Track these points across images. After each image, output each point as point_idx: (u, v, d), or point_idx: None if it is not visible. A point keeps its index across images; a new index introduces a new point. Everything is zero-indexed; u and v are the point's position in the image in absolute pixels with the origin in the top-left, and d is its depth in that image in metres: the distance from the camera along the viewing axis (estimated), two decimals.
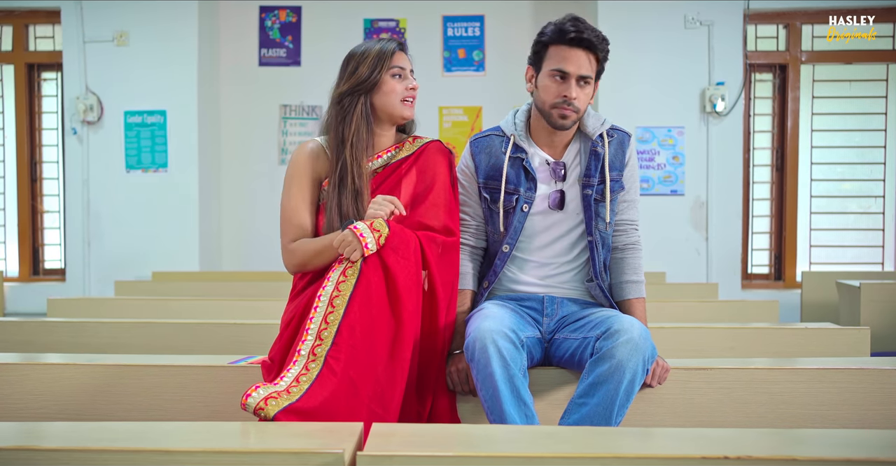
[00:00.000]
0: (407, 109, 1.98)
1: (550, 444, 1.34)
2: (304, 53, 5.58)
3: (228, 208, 5.62)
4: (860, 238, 5.38)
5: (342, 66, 1.98)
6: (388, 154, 2.00)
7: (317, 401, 1.61)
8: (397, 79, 1.96)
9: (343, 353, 1.67)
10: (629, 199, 2.08)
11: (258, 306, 3.27)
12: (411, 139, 2.05)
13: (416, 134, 2.09)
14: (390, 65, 1.94)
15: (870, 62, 5.27)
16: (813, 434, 1.51)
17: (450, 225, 1.95)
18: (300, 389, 1.62)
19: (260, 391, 1.60)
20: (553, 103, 1.95)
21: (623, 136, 2.07)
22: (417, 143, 2.03)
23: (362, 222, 1.77)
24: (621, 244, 2.08)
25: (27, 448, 1.29)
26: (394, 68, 1.95)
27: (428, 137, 2.05)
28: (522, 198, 2.01)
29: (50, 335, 2.70)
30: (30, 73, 5.50)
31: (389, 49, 1.95)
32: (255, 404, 1.57)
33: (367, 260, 1.75)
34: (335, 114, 1.96)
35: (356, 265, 1.75)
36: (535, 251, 2.04)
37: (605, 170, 2.00)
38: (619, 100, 5.07)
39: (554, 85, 1.95)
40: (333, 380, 1.64)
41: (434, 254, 1.87)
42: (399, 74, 1.96)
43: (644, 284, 2.06)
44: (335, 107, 1.96)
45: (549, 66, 1.96)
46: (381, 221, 1.79)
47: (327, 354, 1.67)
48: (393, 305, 1.76)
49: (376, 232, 1.76)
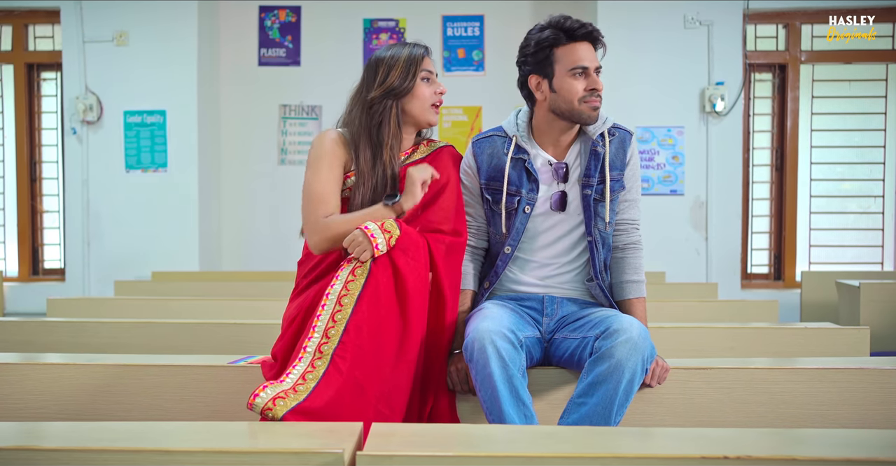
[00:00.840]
0: (433, 115, 2.01)
1: (550, 444, 1.34)
2: (303, 53, 5.59)
3: (228, 208, 5.62)
4: (860, 238, 5.38)
5: (369, 70, 1.99)
6: (406, 155, 2.03)
7: (323, 401, 1.62)
8: (426, 83, 1.98)
9: (349, 353, 1.67)
10: (630, 199, 2.07)
11: (258, 306, 3.26)
12: (426, 142, 2.08)
13: (429, 137, 2.13)
14: (420, 69, 1.96)
15: (869, 62, 5.27)
16: (813, 433, 1.51)
17: (458, 227, 1.98)
18: (307, 388, 1.63)
19: (268, 391, 1.60)
20: (581, 97, 1.96)
21: (624, 135, 2.07)
22: (432, 147, 2.07)
23: (373, 222, 1.78)
24: (622, 243, 2.07)
25: (27, 448, 1.29)
26: (423, 72, 1.97)
27: (441, 142, 2.09)
28: (524, 199, 2.01)
29: (50, 335, 2.70)
30: (29, 73, 5.50)
31: (419, 54, 1.97)
32: (262, 404, 1.58)
33: (377, 260, 1.76)
34: (365, 118, 1.96)
35: (366, 265, 1.76)
36: (537, 252, 2.04)
37: (605, 170, 2.00)
38: (618, 99, 5.06)
39: (578, 82, 1.96)
40: (339, 379, 1.65)
41: (441, 256, 1.89)
42: (428, 78, 1.99)
43: (644, 284, 2.06)
44: (366, 111, 1.96)
45: (566, 67, 1.96)
46: (392, 222, 1.80)
47: (334, 352, 1.67)
48: (401, 306, 1.77)
49: (387, 232, 1.77)
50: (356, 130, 1.97)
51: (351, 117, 1.99)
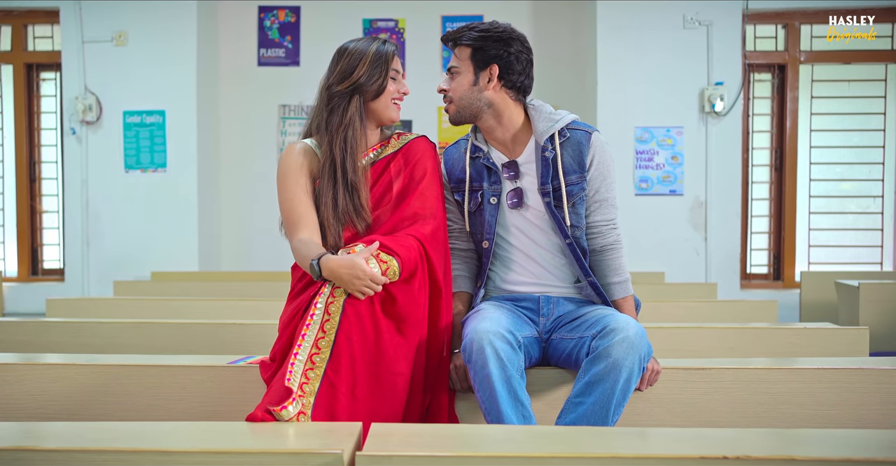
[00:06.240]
0: (395, 112, 2.01)
1: (548, 444, 1.34)
2: (303, 53, 5.59)
3: (227, 208, 5.62)
4: (859, 238, 5.38)
5: (334, 61, 1.97)
6: (375, 151, 2.02)
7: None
8: (393, 82, 1.98)
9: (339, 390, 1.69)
10: (600, 199, 2.03)
11: (258, 306, 3.26)
12: (395, 136, 2.07)
13: (399, 131, 2.12)
14: (390, 68, 1.96)
15: (869, 62, 5.27)
16: (812, 434, 1.51)
17: (438, 207, 1.96)
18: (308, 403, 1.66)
19: (290, 409, 1.60)
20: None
21: (580, 136, 2.01)
22: (403, 140, 2.05)
23: (371, 256, 1.73)
24: (598, 246, 2.03)
25: (26, 448, 1.29)
26: (391, 71, 1.97)
27: (413, 134, 2.08)
28: (487, 191, 2.03)
29: (49, 335, 2.70)
30: (29, 73, 5.50)
31: (390, 53, 1.96)
32: (287, 417, 1.59)
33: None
34: (327, 111, 1.95)
35: (338, 300, 1.73)
36: (516, 248, 2.05)
37: (559, 175, 1.99)
38: (617, 100, 5.08)
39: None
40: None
41: (432, 253, 1.87)
42: (394, 78, 1.99)
43: (629, 281, 2.04)
44: (327, 104, 1.96)
45: None
46: (388, 256, 1.75)
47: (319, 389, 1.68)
48: (396, 323, 1.78)
49: (383, 263, 1.75)
50: (319, 122, 1.96)
51: (316, 115, 1.99)
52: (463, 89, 2.02)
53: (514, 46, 2.00)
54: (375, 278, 1.71)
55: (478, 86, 2.01)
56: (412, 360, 1.80)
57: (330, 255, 1.74)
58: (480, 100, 2.01)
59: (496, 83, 2.01)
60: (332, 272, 1.71)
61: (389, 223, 1.92)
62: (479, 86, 2.01)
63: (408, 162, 2.00)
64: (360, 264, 1.69)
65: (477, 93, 2.01)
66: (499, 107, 2.02)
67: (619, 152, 4.90)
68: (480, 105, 2.01)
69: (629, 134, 5.08)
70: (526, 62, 2.03)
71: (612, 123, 5.03)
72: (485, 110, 2.02)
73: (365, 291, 1.72)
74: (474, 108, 2.02)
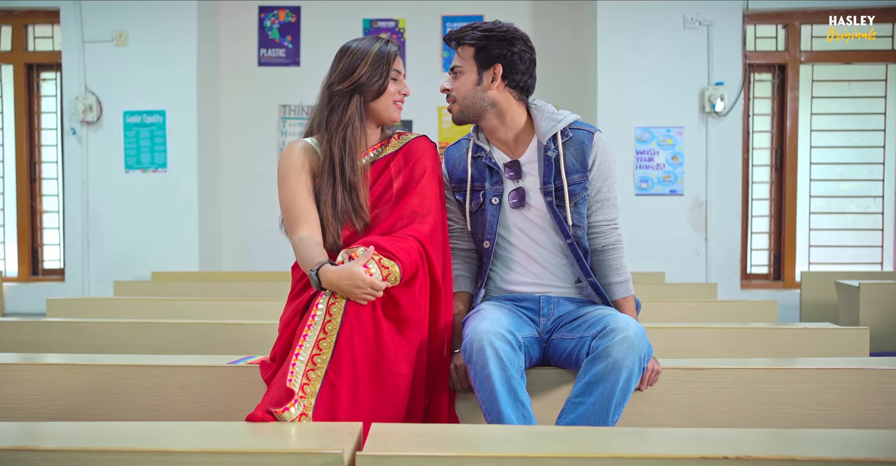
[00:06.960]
0: (396, 113, 2.00)
1: (548, 444, 1.34)
2: (303, 53, 5.59)
3: (228, 208, 5.62)
4: (859, 238, 5.38)
5: (336, 60, 1.97)
6: (375, 151, 2.02)
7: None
8: (394, 82, 1.98)
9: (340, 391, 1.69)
10: (602, 199, 2.03)
11: (258, 306, 3.26)
12: (396, 136, 2.07)
13: (399, 131, 2.12)
14: (392, 68, 1.96)
15: (869, 62, 5.27)
16: (812, 434, 1.51)
17: (437, 205, 1.96)
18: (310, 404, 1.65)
19: (292, 410, 1.60)
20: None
21: (583, 136, 2.02)
22: (403, 140, 2.05)
23: (372, 260, 1.73)
24: (599, 246, 2.03)
25: (26, 448, 1.29)
26: (393, 72, 1.96)
27: (413, 133, 2.07)
28: (490, 192, 2.03)
29: (49, 335, 2.70)
30: (29, 73, 5.50)
31: (392, 53, 1.96)
32: (290, 419, 1.59)
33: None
34: (327, 109, 1.95)
35: (340, 302, 1.73)
36: (517, 248, 2.05)
37: (561, 175, 1.98)
38: (618, 100, 5.08)
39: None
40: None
41: (435, 252, 1.88)
42: (396, 78, 1.98)
43: (630, 282, 2.04)
44: (327, 103, 1.96)
45: None
46: (390, 261, 1.75)
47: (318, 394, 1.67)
48: (397, 324, 1.78)
49: (385, 268, 1.74)
50: (319, 121, 1.96)
51: (317, 113, 1.99)
52: (466, 89, 2.01)
53: (517, 46, 2.00)
54: (375, 285, 1.71)
55: (481, 86, 2.00)
56: (413, 361, 1.80)
57: (329, 266, 1.74)
58: (484, 99, 2.01)
59: (500, 83, 2.00)
60: (331, 283, 1.72)
61: (388, 221, 1.92)
62: (482, 86, 2.00)
63: (408, 161, 1.99)
64: (360, 273, 1.69)
65: (480, 93, 2.01)
66: (502, 106, 2.02)
67: (619, 152, 4.90)
68: (484, 104, 2.01)
69: (629, 134, 5.08)
70: (529, 62, 2.02)
71: (613, 123, 5.03)
72: (488, 110, 2.02)
73: (366, 298, 1.73)
74: (478, 108, 2.02)
